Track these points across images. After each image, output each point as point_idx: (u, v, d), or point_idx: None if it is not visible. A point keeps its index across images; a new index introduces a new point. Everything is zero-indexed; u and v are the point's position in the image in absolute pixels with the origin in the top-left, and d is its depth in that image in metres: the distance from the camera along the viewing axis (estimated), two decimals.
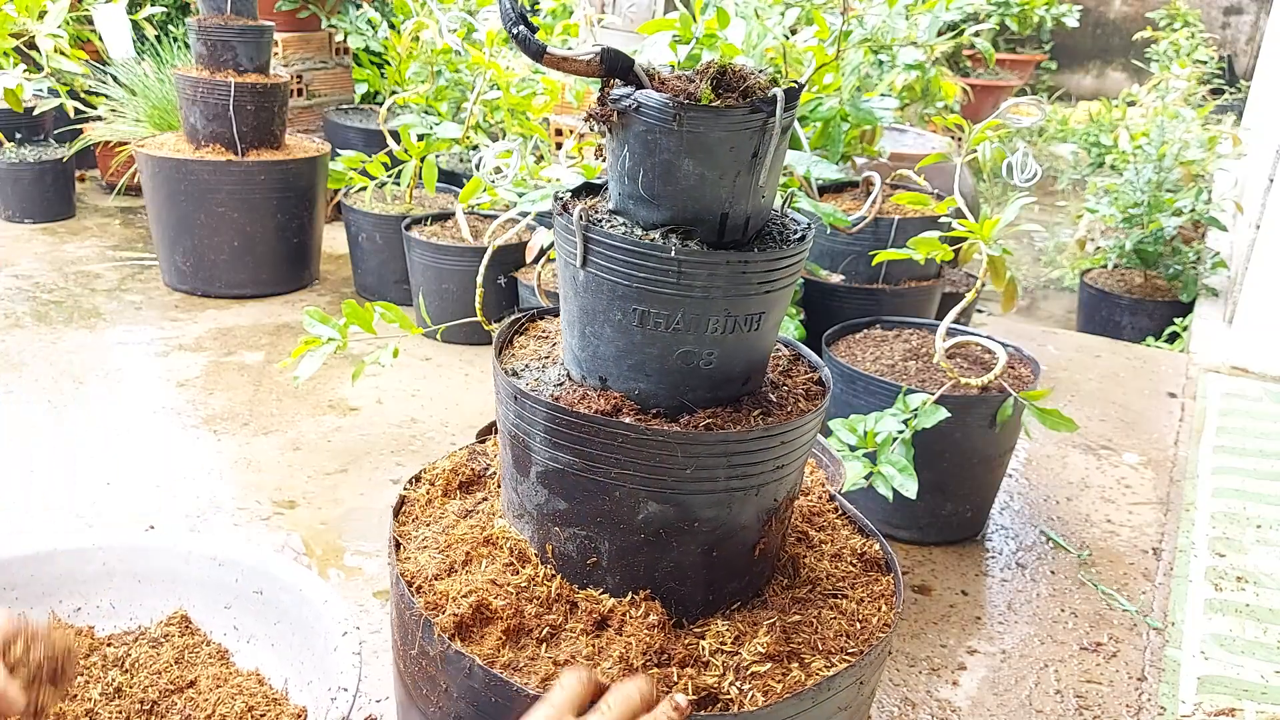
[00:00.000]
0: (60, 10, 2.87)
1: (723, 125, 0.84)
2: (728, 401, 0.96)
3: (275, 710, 1.27)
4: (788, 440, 0.94)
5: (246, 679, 1.32)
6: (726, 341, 0.92)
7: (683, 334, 0.90)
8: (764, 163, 0.88)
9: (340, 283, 3.38)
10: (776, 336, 1.02)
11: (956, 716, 1.56)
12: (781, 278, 0.93)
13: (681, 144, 0.85)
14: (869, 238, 2.30)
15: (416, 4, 3.18)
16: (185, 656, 1.35)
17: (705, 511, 0.93)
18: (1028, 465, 2.36)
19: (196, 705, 1.26)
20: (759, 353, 0.97)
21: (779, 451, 0.94)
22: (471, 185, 2.00)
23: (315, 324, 1.64)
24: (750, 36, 2.13)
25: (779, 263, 0.91)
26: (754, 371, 0.98)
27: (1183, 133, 3.71)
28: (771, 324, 0.96)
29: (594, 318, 0.92)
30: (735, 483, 0.93)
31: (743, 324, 0.92)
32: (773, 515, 0.98)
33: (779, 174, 0.95)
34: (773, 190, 0.94)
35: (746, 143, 0.86)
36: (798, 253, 0.94)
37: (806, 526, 1.15)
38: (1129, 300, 3.67)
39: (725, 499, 0.93)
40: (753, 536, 0.98)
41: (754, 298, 0.91)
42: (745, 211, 0.90)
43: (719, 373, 0.94)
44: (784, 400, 1.00)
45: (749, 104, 0.85)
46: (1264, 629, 1.79)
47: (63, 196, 3.90)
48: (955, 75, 5.13)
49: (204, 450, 2.24)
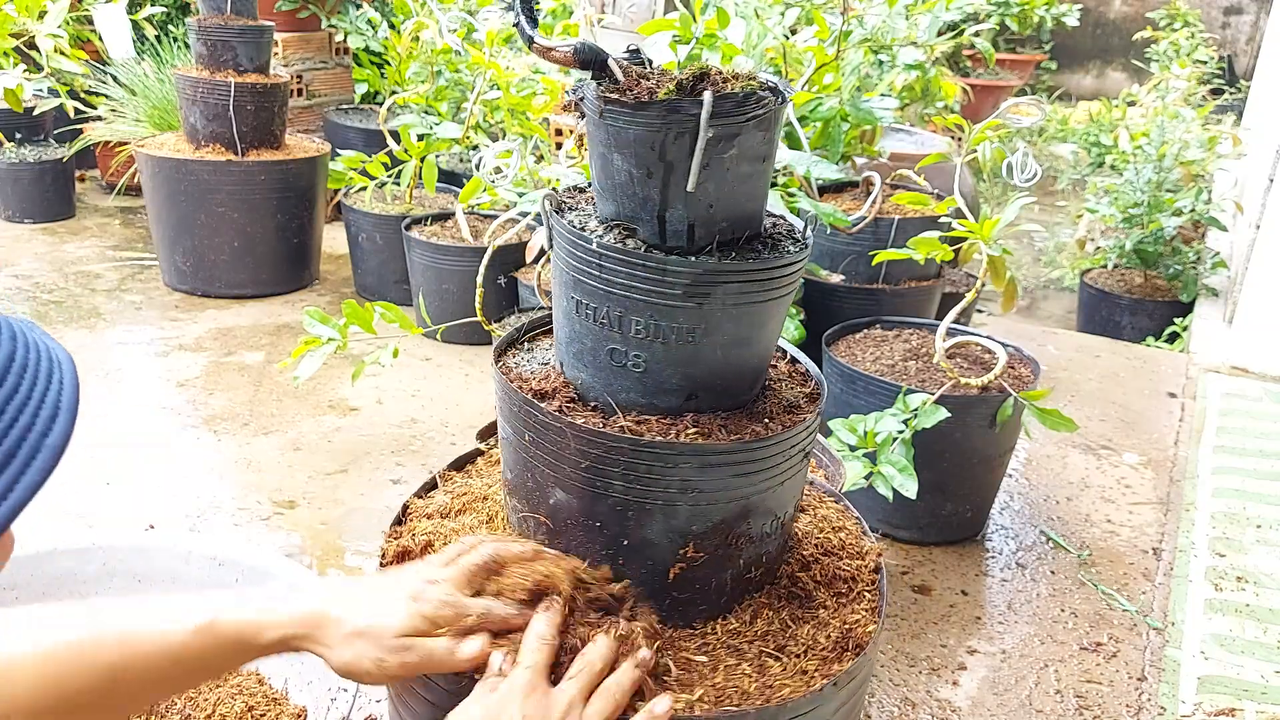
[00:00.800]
0: (60, 10, 2.87)
1: (639, 123, 0.83)
2: (667, 412, 0.92)
3: (275, 710, 1.27)
4: (667, 464, 0.88)
5: (247, 679, 1.32)
6: (655, 348, 0.89)
7: (610, 330, 0.90)
8: (696, 168, 0.83)
9: (340, 283, 3.38)
10: (742, 357, 0.93)
11: (956, 716, 1.56)
12: (714, 293, 0.86)
13: (610, 138, 0.86)
14: (869, 238, 2.30)
15: (416, 4, 3.18)
16: None
17: (602, 513, 0.92)
18: (1028, 465, 2.36)
19: (197, 705, 1.26)
20: (706, 368, 0.91)
21: (677, 474, 0.88)
22: (471, 185, 2.01)
23: (315, 324, 1.64)
24: (750, 36, 2.13)
25: (711, 278, 0.86)
26: (700, 389, 0.92)
27: (1183, 133, 3.71)
28: (720, 342, 0.89)
29: (556, 301, 0.96)
30: (631, 497, 0.90)
31: (670, 333, 0.88)
32: (693, 540, 0.92)
33: (749, 185, 0.88)
34: (733, 201, 0.88)
35: (671, 144, 0.83)
36: (735, 271, 0.86)
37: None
38: (1129, 300, 3.67)
39: (622, 509, 0.91)
40: (664, 556, 0.93)
41: (681, 309, 0.87)
42: (686, 217, 0.87)
43: (650, 379, 0.91)
44: (732, 426, 0.92)
45: (663, 104, 0.82)
46: (1264, 629, 1.79)
47: (63, 196, 3.90)
48: (955, 75, 5.13)
49: (204, 450, 2.24)
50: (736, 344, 0.91)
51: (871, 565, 1.08)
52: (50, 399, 0.48)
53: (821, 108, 2.03)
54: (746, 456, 0.90)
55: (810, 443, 0.98)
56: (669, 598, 0.95)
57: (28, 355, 0.48)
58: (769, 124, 0.86)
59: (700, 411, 0.93)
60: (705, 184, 0.85)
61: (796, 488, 1.00)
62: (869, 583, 1.06)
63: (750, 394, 0.97)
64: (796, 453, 0.96)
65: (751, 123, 0.84)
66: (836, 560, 1.07)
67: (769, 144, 0.88)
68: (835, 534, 1.13)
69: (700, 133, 0.81)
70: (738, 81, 0.84)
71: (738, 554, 0.95)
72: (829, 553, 1.09)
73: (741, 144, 0.85)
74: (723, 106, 0.81)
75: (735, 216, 0.89)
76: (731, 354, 0.91)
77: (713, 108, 0.80)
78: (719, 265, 0.86)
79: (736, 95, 0.82)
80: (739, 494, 0.92)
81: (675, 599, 0.95)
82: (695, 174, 0.83)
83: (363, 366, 1.71)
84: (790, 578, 1.03)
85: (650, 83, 0.84)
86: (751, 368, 0.95)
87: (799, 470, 0.98)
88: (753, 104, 0.83)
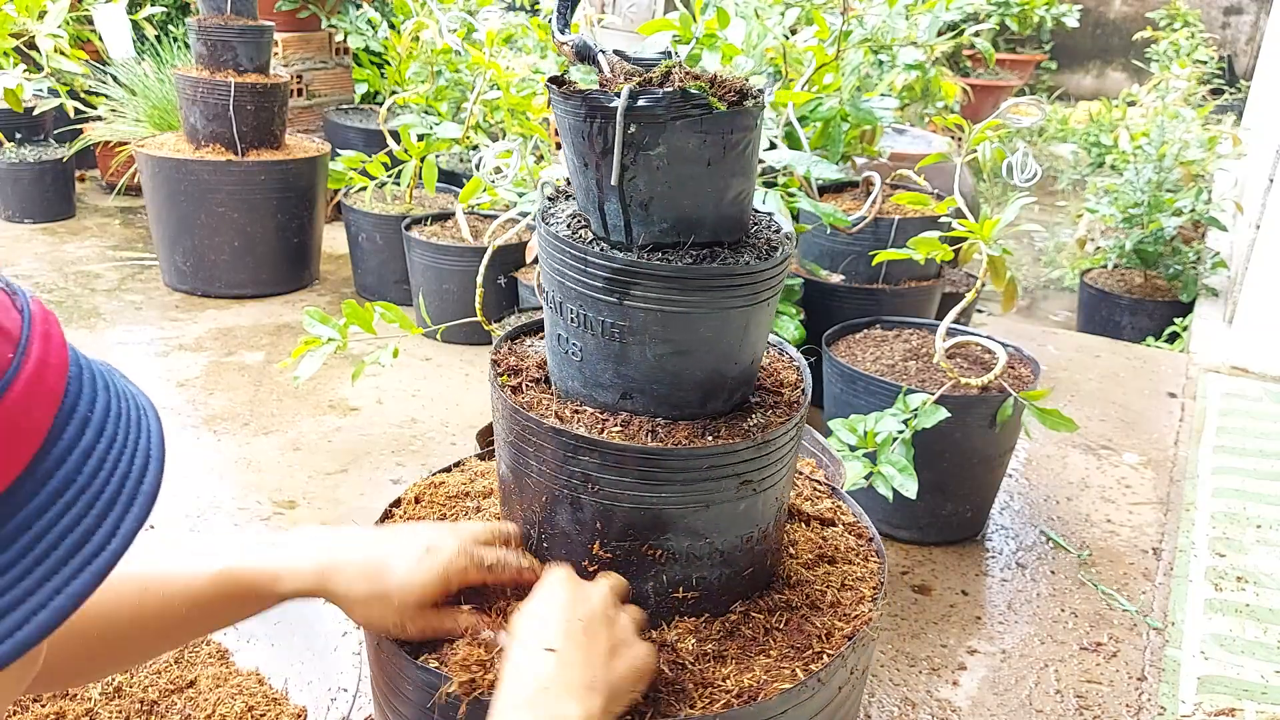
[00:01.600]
0: (60, 10, 2.87)
1: (570, 112, 0.83)
2: (604, 406, 0.92)
3: (275, 710, 1.27)
4: (567, 450, 0.88)
5: (246, 678, 1.32)
6: (586, 339, 0.89)
7: (556, 315, 0.91)
8: (616, 162, 0.81)
9: (340, 283, 3.38)
10: (681, 365, 0.89)
11: (956, 716, 1.56)
12: (632, 291, 0.84)
13: (560, 128, 0.87)
14: (869, 238, 2.30)
15: (416, 4, 3.18)
16: (185, 656, 1.36)
17: (527, 491, 0.95)
18: (1028, 465, 2.36)
19: (196, 705, 1.27)
20: (637, 370, 0.89)
21: (578, 465, 0.88)
22: (471, 185, 2.00)
23: (315, 324, 1.64)
24: (750, 36, 2.13)
25: (628, 275, 0.84)
26: (634, 389, 0.90)
27: (1183, 133, 3.71)
28: (649, 344, 0.87)
29: None
30: (544, 479, 0.91)
31: (596, 326, 0.87)
32: (599, 539, 0.91)
33: (692, 188, 0.85)
34: (672, 202, 0.85)
35: (596, 136, 0.82)
36: (650, 272, 0.83)
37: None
38: (1129, 300, 3.67)
39: (537, 490, 0.93)
40: (578, 549, 0.93)
41: (605, 303, 0.86)
42: (620, 212, 0.85)
43: (588, 370, 0.91)
44: (662, 434, 0.90)
45: (583, 94, 0.81)
46: (1264, 629, 1.79)
47: (63, 196, 3.90)
48: (955, 75, 5.13)
49: (204, 450, 2.24)
50: (675, 352, 0.88)
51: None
52: (142, 446, 0.49)
53: (821, 108, 2.03)
54: (650, 464, 0.87)
55: (752, 474, 0.91)
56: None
57: (121, 405, 0.50)
58: (712, 129, 0.81)
59: (637, 413, 0.91)
60: (634, 180, 0.83)
61: (734, 517, 0.92)
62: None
63: (701, 407, 0.92)
64: (724, 477, 0.89)
65: (680, 123, 0.80)
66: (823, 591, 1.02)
67: (713, 149, 0.83)
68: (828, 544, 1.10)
69: (617, 126, 0.80)
70: (696, 82, 0.81)
71: (658, 568, 0.92)
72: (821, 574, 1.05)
73: (671, 143, 0.81)
74: (643, 103, 0.79)
75: (677, 219, 0.86)
76: (668, 361, 0.88)
77: (631, 103, 0.79)
78: (635, 262, 0.84)
79: (662, 94, 0.79)
80: (646, 503, 0.88)
81: None
82: (616, 168, 0.82)
83: (363, 366, 1.71)
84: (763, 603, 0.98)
85: (625, 76, 0.84)
86: (695, 380, 0.90)
87: (736, 498, 0.91)
88: (680, 104, 0.80)
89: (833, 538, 1.12)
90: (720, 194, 0.86)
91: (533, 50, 3.44)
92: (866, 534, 1.14)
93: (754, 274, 0.87)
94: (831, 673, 0.91)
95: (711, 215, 0.87)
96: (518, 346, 1.06)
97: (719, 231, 0.88)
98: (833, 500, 1.21)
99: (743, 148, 0.85)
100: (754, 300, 0.89)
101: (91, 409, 0.47)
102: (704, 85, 0.81)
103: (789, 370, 1.07)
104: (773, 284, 0.90)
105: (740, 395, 0.96)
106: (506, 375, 0.99)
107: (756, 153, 0.89)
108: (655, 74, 0.83)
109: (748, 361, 0.94)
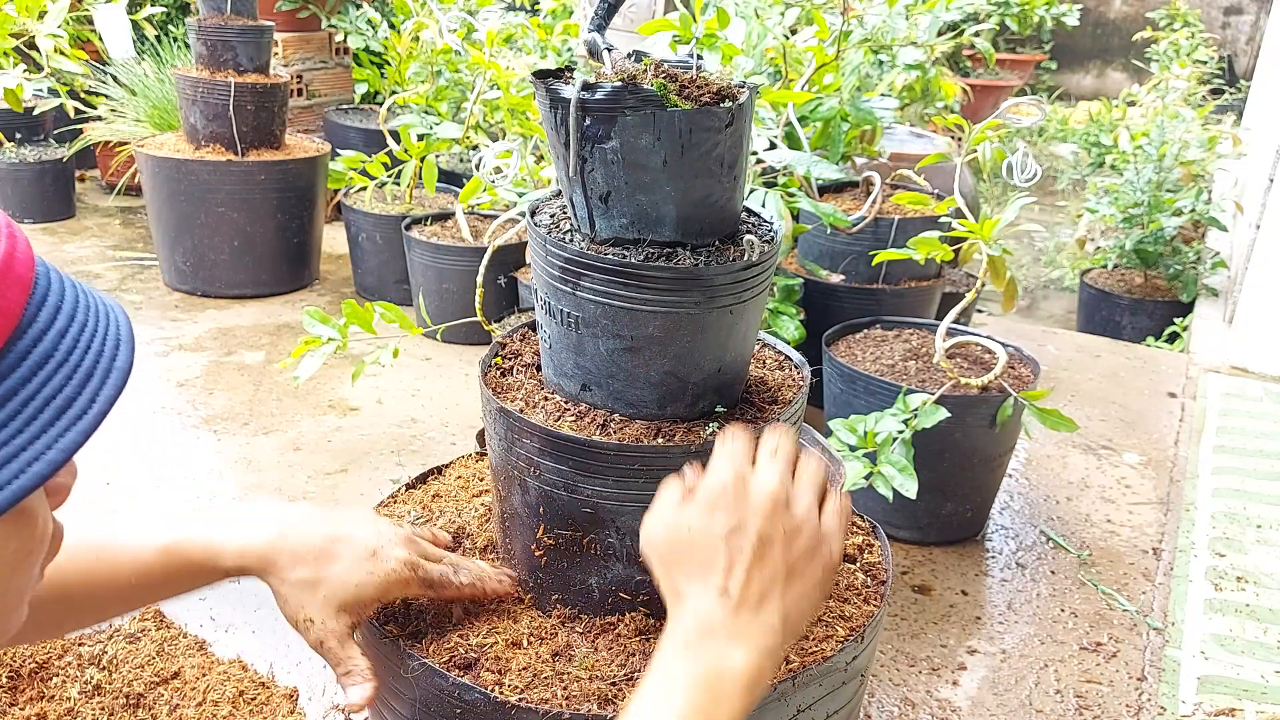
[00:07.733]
0: (60, 10, 2.87)
1: (541, 103, 0.86)
2: (568, 396, 0.94)
3: (265, 693, 1.29)
4: (517, 433, 0.90)
5: (230, 666, 1.34)
6: (552, 325, 0.91)
7: (536, 299, 0.95)
8: (573, 153, 0.82)
9: (340, 283, 3.38)
10: (636, 364, 0.88)
11: (956, 716, 1.56)
12: (582, 283, 0.85)
13: (541, 117, 0.89)
14: (869, 238, 2.30)
15: (416, 4, 3.18)
16: (165, 649, 1.37)
17: (494, 467, 0.98)
18: (1028, 465, 2.36)
19: (184, 694, 1.27)
20: (593, 363, 0.89)
21: (523, 448, 0.90)
22: (471, 185, 2.00)
23: (315, 324, 1.63)
24: (750, 36, 2.13)
25: (577, 266, 0.85)
26: (592, 382, 0.91)
27: (1183, 133, 3.71)
28: (601, 338, 0.87)
29: None
30: (498, 458, 0.95)
31: (557, 313, 0.89)
32: (543, 524, 0.92)
33: (650, 190, 0.84)
34: (630, 200, 0.85)
35: (559, 127, 0.84)
36: (592, 264, 0.84)
37: None
38: (1129, 300, 3.67)
39: (497, 468, 0.97)
40: (527, 532, 0.95)
41: (562, 291, 0.88)
42: (584, 204, 0.86)
43: (554, 357, 0.94)
44: (613, 427, 0.90)
45: (545, 83, 0.82)
46: (1264, 629, 1.79)
47: (63, 196, 3.90)
48: (955, 75, 5.13)
49: (204, 450, 2.24)
50: (625, 348, 0.87)
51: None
52: (112, 331, 0.53)
53: (822, 108, 2.03)
54: (579, 454, 0.87)
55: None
56: (536, 578, 0.98)
57: (89, 299, 0.54)
58: (667, 127, 0.80)
59: (596, 406, 0.92)
60: (593, 173, 0.84)
61: None
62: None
63: (660, 408, 0.91)
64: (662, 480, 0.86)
65: (631, 118, 0.80)
66: None
67: (669, 148, 0.82)
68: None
69: (572, 117, 0.81)
70: (658, 80, 0.81)
71: (601, 564, 0.92)
72: None
73: (624, 139, 0.81)
74: (593, 95, 0.79)
75: (636, 215, 0.85)
76: (619, 357, 0.88)
77: (587, 95, 0.79)
78: (583, 252, 0.85)
79: (610, 87, 0.79)
80: (585, 495, 0.89)
81: (540, 580, 0.98)
82: (574, 159, 0.83)
83: (363, 366, 1.71)
84: None
85: (619, 71, 0.85)
86: (649, 379, 0.89)
87: None
88: (627, 98, 0.79)
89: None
90: (682, 194, 0.85)
91: (533, 50, 3.43)
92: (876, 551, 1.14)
93: (702, 279, 0.85)
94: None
95: (672, 215, 0.86)
96: (531, 335, 1.08)
97: (685, 233, 0.87)
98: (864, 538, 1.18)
99: (707, 149, 0.83)
100: (711, 305, 0.86)
101: (61, 299, 0.51)
102: (662, 83, 0.80)
103: (790, 389, 1.02)
104: (734, 291, 0.87)
105: (708, 402, 0.93)
106: (501, 359, 1.02)
107: (734, 156, 0.86)
108: (638, 70, 0.83)
109: (712, 368, 0.91)
